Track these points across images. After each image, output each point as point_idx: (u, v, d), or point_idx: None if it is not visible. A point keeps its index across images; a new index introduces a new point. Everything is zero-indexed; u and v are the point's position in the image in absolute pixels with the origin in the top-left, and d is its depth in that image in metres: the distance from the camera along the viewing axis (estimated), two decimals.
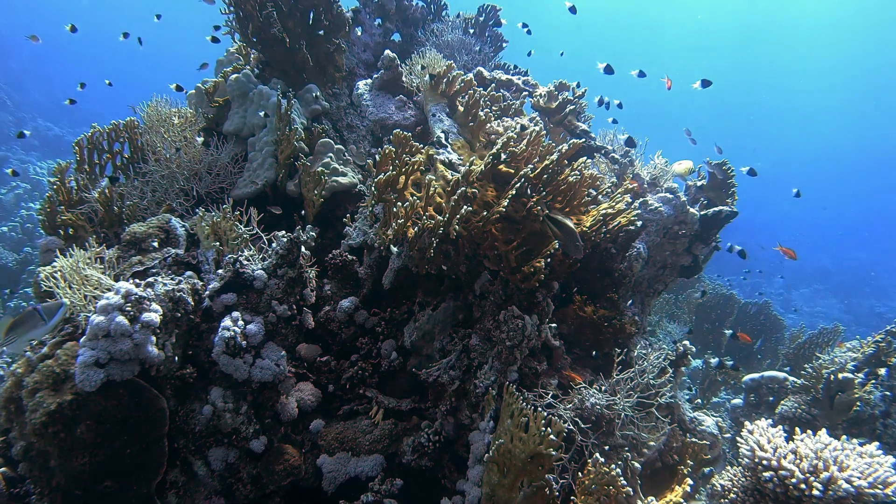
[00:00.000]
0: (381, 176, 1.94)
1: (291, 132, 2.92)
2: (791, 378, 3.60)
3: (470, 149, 2.47)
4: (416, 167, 1.97)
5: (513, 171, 1.97)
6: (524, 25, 4.69)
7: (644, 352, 2.30)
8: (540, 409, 1.63)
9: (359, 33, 4.47)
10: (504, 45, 4.83)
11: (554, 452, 1.54)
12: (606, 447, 2.02)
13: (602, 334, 2.49)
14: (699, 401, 3.37)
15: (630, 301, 2.96)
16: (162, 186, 3.12)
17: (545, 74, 3.91)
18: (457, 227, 1.73)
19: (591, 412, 2.13)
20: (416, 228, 1.85)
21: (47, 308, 1.83)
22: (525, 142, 1.96)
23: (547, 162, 1.86)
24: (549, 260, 1.86)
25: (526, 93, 3.28)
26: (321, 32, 3.62)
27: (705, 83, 3.52)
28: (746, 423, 2.18)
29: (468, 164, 1.87)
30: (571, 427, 2.08)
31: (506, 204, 1.78)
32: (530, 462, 1.56)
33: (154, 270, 2.43)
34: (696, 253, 2.88)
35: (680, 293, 6.89)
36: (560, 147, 1.91)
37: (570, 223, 1.77)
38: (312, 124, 3.47)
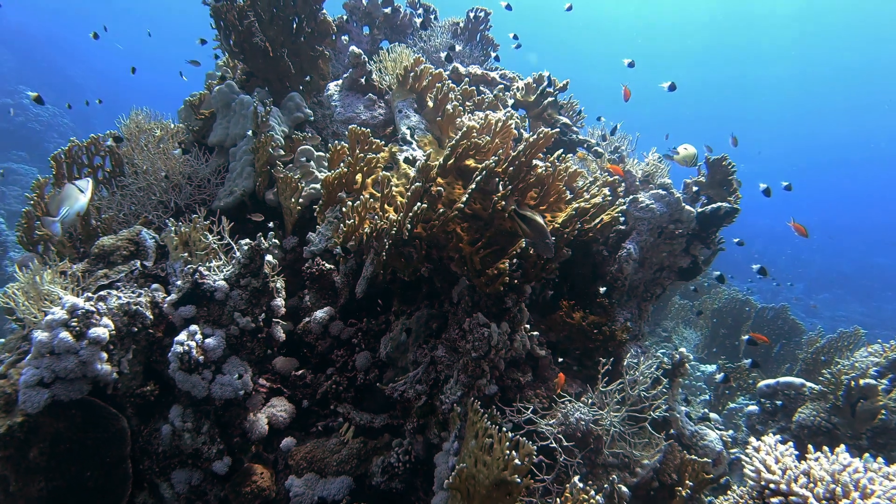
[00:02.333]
0: (329, 174, 1.80)
1: (267, 139, 2.83)
2: (809, 384, 3.32)
3: (438, 146, 2.33)
4: (373, 164, 1.83)
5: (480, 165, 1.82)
6: (515, 37, 4.71)
7: (635, 361, 2.11)
8: (506, 429, 1.45)
9: (346, 41, 4.41)
10: (495, 48, 4.72)
11: (520, 480, 1.36)
12: (585, 471, 1.82)
13: (591, 342, 2.31)
14: (706, 410, 3.12)
15: (627, 305, 2.76)
16: (139, 199, 3.06)
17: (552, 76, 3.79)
18: (409, 226, 1.58)
19: (577, 428, 1.94)
20: (368, 230, 1.71)
21: (80, 183, 2.11)
22: (492, 133, 1.80)
23: (514, 154, 1.71)
24: (516, 261, 1.70)
25: (502, 86, 3.11)
26: (305, 40, 3.56)
27: (671, 87, 3.66)
28: (752, 439, 1.95)
29: (426, 158, 1.72)
30: (555, 445, 1.89)
31: (465, 199, 1.63)
32: (496, 489, 1.39)
33: (119, 284, 2.35)
34: (695, 254, 2.67)
35: (695, 300, 6.66)
36: (528, 137, 1.75)
37: (539, 219, 1.60)
38: (295, 132, 3.39)
